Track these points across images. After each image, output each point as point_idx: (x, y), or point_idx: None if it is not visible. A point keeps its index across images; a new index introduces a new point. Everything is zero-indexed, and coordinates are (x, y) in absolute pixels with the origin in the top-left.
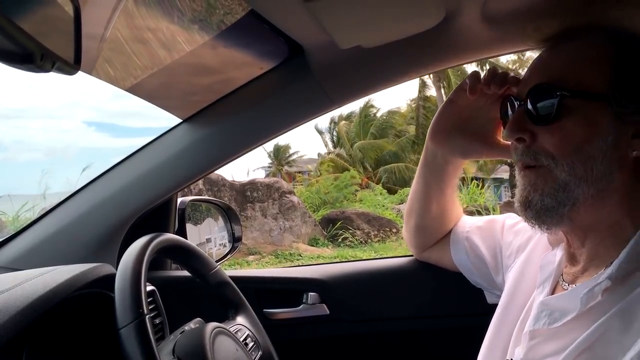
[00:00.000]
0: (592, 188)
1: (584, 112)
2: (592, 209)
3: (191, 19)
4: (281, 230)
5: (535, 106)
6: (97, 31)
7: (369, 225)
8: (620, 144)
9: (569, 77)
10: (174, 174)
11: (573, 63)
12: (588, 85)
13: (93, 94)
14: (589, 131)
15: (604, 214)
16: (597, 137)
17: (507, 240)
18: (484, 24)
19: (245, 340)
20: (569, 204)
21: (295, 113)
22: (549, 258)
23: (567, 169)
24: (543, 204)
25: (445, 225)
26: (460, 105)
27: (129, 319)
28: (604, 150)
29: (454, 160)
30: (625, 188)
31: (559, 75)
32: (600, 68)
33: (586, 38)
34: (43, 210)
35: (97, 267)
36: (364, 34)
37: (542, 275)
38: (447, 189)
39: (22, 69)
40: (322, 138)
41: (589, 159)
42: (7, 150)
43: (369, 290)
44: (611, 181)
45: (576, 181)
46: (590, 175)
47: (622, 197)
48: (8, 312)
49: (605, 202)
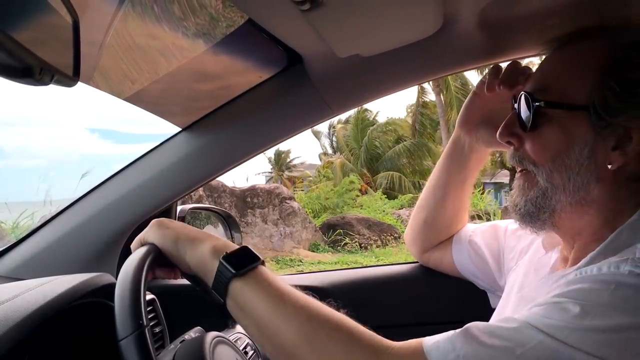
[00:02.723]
0: (570, 197)
1: (562, 122)
2: (572, 217)
3: (188, 28)
4: (282, 236)
5: (519, 112)
6: (95, 38)
7: (369, 231)
8: (598, 156)
9: (553, 86)
10: (173, 183)
11: (560, 71)
12: (570, 96)
13: (94, 101)
14: (566, 141)
15: (584, 223)
16: (574, 147)
17: (509, 244)
18: (482, 31)
19: (245, 349)
20: (548, 211)
21: (294, 121)
22: (544, 261)
23: (545, 177)
24: (525, 209)
25: (453, 225)
26: (483, 98)
27: (129, 331)
28: (580, 162)
29: (479, 150)
30: (602, 199)
31: (544, 84)
32: (585, 77)
33: (579, 44)
34: (43, 218)
35: (96, 277)
36: (363, 42)
37: (536, 277)
38: (467, 181)
39: (21, 82)
40: (321, 144)
41: (567, 168)
42: (10, 158)
43: (369, 297)
44: (589, 191)
45: (553, 189)
46: (567, 184)
47: (600, 208)
48: (8, 323)
49: (583, 212)
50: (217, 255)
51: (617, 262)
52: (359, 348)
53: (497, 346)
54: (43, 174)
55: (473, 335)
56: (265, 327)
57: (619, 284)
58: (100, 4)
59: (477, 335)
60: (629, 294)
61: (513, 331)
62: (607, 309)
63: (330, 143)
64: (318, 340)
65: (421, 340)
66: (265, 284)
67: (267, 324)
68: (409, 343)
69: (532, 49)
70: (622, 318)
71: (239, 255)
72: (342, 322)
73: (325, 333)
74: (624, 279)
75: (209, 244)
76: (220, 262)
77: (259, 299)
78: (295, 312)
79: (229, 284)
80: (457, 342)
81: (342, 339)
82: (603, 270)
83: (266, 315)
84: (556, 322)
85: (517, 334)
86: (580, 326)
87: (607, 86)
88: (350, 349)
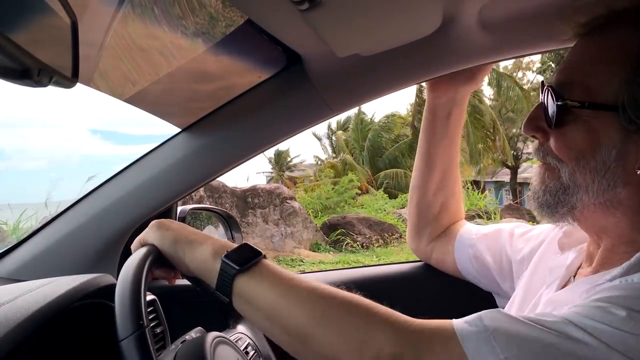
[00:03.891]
0: (594, 198)
1: (588, 122)
2: (595, 215)
3: (188, 28)
4: (282, 236)
5: (546, 108)
6: (95, 39)
7: (370, 230)
8: (627, 159)
9: (578, 81)
10: (173, 183)
11: (585, 64)
12: (597, 94)
13: (95, 101)
14: (591, 142)
15: (610, 224)
16: (601, 149)
17: (517, 247)
18: (481, 30)
19: (246, 349)
20: (567, 206)
21: (293, 121)
22: (560, 261)
23: (568, 175)
24: (544, 199)
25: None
26: None
27: (129, 331)
28: (607, 164)
29: (457, 101)
30: (629, 202)
31: (569, 77)
32: (612, 73)
33: (607, 33)
34: (44, 219)
35: (97, 278)
36: (362, 42)
37: (551, 277)
38: (453, 139)
39: (20, 84)
40: (321, 144)
41: (591, 170)
42: (11, 159)
43: (370, 297)
44: (614, 195)
45: (576, 188)
46: (591, 185)
47: (627, 211)
48: (9, 324)
49: (608, 213)
50: (218, 255)
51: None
52: (377, 322)
53: (532, 330)
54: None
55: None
56: (277, 315)
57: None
58: (100, 4)
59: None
60: None
61: (551, 323)
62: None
63: (330, 143)
64: (333, 318)
65: (448, 321)
66: (270, 274)
67: (279, 311)
68: (432, 321)
69: (531, 47)
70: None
71: (239, 251)
72: (356, 300)
73: (341, 310)
74: None
75: (209, 245)
76: (222, 261)
77: (267, 288)
78: (307, 294)
79: (233, 281)
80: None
81: (359, 314)
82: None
83: (276, 302)
84: (598, 324)
85: (556, 325)
86: (624, 329)
87: (637, 84)
88: (367, 325)
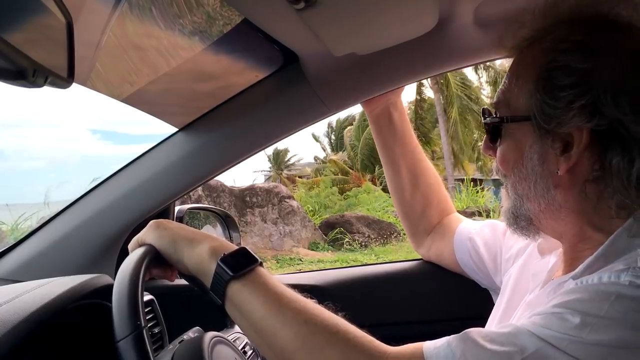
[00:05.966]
0: (537, 205)
1: (514, 134)
2: (550, 222)
3: (184, 27)
4: (281, 235)
5: (487, 128)
6: (91, 39)
7: (369, 229)
8: (549, 163)
9: (504, 99)
10: (171, 183)
11: (509, 83)
12: (515, 107)
13: (95, 102)
14: (519, 152)
15: (561, 227)
16: (527, 158)
17: (508, 244)
18: (477, 29)
19: (244, 348)
20: (524, 219)
21: (290, 120)
22: (541, 266)
23: (511, 188)
24: (506, 217)
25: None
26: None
27: (127, 332)
28: (535, 170)
29: (394, 105)
30: (567, 204)
31: (499, 96)
32: (523, 86)
33: (523, 51)
34: (42, 219)
35: (95, 278)
36: (358, 41)
37: (534, 282)
38: (405, 138)
39: (15, 84)
40: (320, 143)
41: (525, 178)
42: (10, 159)
43: (369, 295)
44: (552, 198)
45: (521, 199)
46: (531, 193)
47: (569, 212)
48: (6, 325)
49: (556, 217)
50: (215, 256)
51: (617, 271)
52: (355, 353)
53: (497, 351)
54: (47, 177)
55: (473, 340)
56: (263, 331)
57: (619, 296)
58: (96, 4)
59: (477, 340)
60: (629, 307)
61: (513, 337)
62: (608, 322)
63: (329, 142)
64: (315, 345)
65: (419, 346)
66: (262, 286)
67: (265, 327)
68: (406, 348)
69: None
70: (622, 333)
71: (236, 256)
72: (339, 326)
73: (322, 338)
74: (625, 290)
75: (207, 245)
76: (218, 263)
77: (256, 301)
78: (292, 316)
79: (226, 286)
80: (457, 348)
81: (339, 344)
82: (603, 280)
83: (263, 318)
84: (555, 333)
85: (517, 340)
86: (580, 338)
87: (540, 93)
88: (347, 354)
